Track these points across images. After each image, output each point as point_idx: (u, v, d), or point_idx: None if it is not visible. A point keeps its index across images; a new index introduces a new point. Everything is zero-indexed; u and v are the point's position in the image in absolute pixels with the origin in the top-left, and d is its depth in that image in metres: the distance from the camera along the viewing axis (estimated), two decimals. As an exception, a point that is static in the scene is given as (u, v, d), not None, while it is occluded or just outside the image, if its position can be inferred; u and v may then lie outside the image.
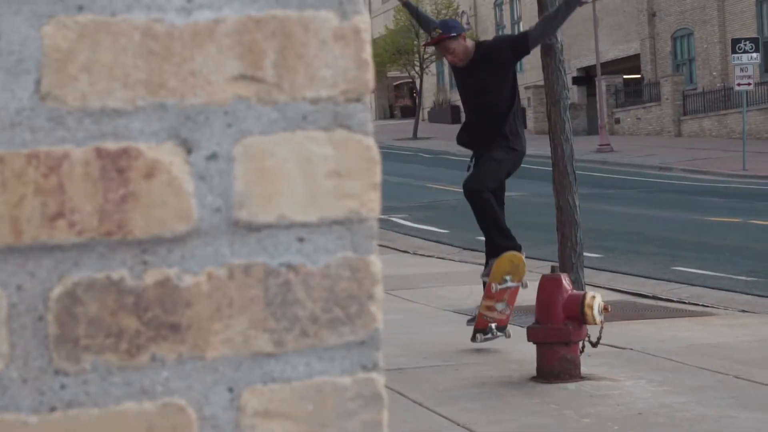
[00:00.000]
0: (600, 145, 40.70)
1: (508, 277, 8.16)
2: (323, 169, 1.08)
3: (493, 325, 8.23)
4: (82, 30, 1.04)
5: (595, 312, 7.34)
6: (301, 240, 1.08)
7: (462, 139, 8.93)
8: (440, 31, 8.37)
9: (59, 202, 1.03)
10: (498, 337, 8.36)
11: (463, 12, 63.77)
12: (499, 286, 8.21)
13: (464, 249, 17.21)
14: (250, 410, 1.06)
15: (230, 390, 1.06)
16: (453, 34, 8.36)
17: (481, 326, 8.37)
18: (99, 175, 1.04)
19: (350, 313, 1.08)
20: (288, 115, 1.07)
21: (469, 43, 8.54)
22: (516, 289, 8.35)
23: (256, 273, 1.07)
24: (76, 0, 1.04)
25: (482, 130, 8.54)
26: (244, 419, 1.06)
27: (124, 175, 1.04)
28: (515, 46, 8.63)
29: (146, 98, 1.05)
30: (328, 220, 1.08)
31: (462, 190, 8.70)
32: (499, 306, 8.22)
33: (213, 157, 1.06)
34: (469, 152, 9.05)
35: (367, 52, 1.08)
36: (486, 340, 8.50)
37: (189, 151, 1.06)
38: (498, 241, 8.43)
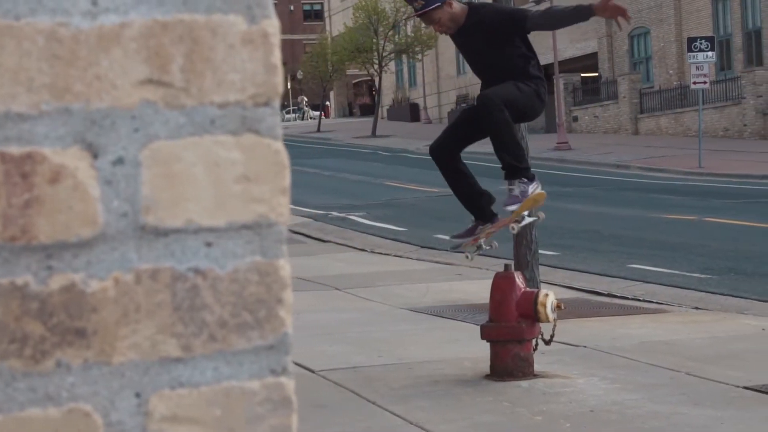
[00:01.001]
0: (558, 143, 40.89)
1: (525, 213, 7.70)
2: (231, 174, 1.07)
3: (482, 241, 7.95)
4: (-14, 34, 1.03)
5: (548, 310, 7.38)
6: (209, 244, 1.07)
7: None
8: (422, 2, 7.59)
9: (-38, 207, 1.02)
10: (486, 249, 8.02)
11: (422, 10, 63.83)
12: (518, 226, 7.80)
13: (422, 247, 17.24)
14: (158, 415, 1.06)
15: (137, 395, 1.06)
16: (437, 5, 7.58)
17: (474, 243, 7.87)
18: (2, 180, 1.03)
19: (259, 317, 1.08)
20: (196, 120, 1.07)
21: (457, 6, 7.69)
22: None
23: (163, 278, 1.06)
24: (-21, 4, 1.03)
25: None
26: (151, 424, 1.06)
27: (28, 179, 1.04)
28: (515, 24, 7.68)
29: (51, 103, 1.05)
30: (236, 224, 1.08)
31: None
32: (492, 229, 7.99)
33: (119, 161, 1.06)
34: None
35: (276, 56, 1.08)
36: (476, 253, 7.98)
37: (95, 156, 1.05)
38: (513, 162, 7.58)
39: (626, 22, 7.47)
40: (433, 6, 7.59)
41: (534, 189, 7.65)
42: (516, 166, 7.58)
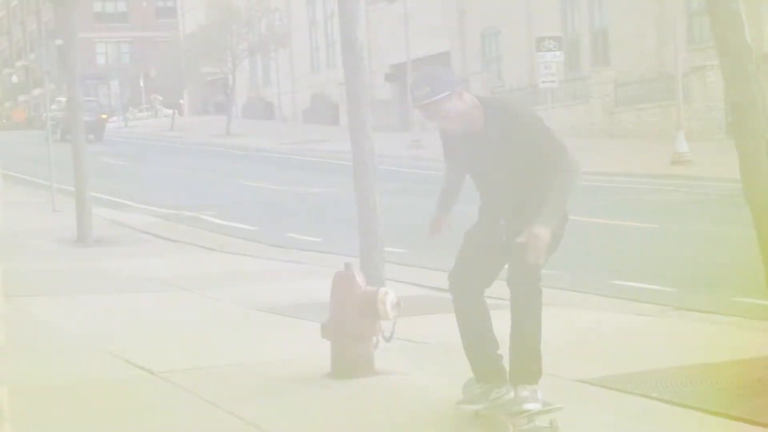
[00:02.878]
0: (413, 141, 41.35)
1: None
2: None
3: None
4: None
5: (388, 307, 7.43)
6: None
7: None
8: (427, 89, 6.00)
9: None
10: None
11: (276, 9, 63.63)
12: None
13: (272, 246, 17.22)
14: None
15: None
16: (445, 94, 6.00)
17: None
18: None
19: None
20: None
21: (469, 101, 6.11)
22: None
23: None
24: None
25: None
26: None
27: None
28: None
29: None
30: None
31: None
32: None
33: None
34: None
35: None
36: None
37: None
38: (527, 362, 6.41)
39: None
40: (442, 95, 6.02)
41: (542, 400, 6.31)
42: (529, 368, 6.40)
